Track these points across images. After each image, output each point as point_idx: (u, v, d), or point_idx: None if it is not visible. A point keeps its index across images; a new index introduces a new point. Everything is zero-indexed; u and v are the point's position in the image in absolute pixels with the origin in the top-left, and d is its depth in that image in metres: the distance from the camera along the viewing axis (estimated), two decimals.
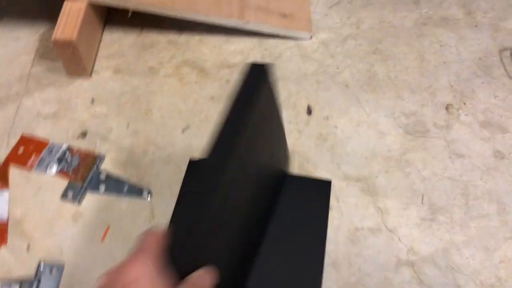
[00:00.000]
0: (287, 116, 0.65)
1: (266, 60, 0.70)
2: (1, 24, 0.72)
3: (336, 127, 0.64)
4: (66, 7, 0.64)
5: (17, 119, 0.63)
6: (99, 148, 0.61)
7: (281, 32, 0.72)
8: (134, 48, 0.71)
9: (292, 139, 0.62)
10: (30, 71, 0.68)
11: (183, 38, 0.72)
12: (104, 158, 0.60)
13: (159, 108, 0.65)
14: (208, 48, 0.72)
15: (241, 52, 0.71)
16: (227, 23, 0.70)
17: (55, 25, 0.72)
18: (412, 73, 0.69)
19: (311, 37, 0.73)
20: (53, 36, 0.61)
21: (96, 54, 0.70)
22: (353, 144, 0.62)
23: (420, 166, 0.59)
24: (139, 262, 0.30)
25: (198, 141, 0.62)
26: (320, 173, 0.59)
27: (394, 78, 0.69)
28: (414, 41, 0.72)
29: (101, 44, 0.71)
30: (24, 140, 0.61)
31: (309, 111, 0.65)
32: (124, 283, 0.29)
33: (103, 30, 0.72)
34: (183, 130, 0.63)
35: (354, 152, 0.61)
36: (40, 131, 0.63)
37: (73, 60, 0.64)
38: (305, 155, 0.61)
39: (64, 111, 0.64)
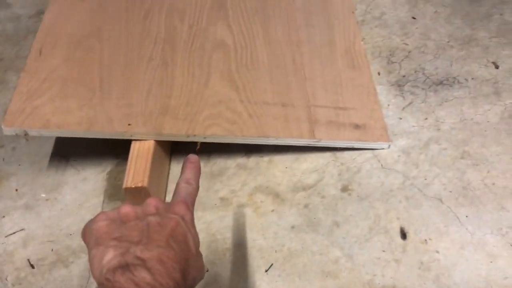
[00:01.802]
0: (379, 243, 0.58)
1: (344, 176, 0.65)
2: (68, 165, 0.71)
3: (437, 252, 0.57)
4: (134, 149, 0.62)
5: None
6: None
7: (356, 145, 0.67)
8: (203, 178, 0.67)
9: (391, 272, 0.56)
10: None
11: (252, 161, 0.69)
12: None
13: (238, 246, 0.60)
14: (279, 169, 0.67)
15: (316, 170, 0.67)
16: (298, 143, 0.66)
17: (121, 162, 0.71)
18: None
19: (389, 146, 0.67)
20: (124, 184, 0.58)
21: (166, 190, 0.67)
22: (462, 272, 0.55)
23: None
24: (184, 205, 0.38)
25: (283, 283, 0.56)
26: None
27: (491, 185, 0.61)
28: (504, 139, 0.66)
29: (170, 177, 0.68)
30: None
31: (404, 235, 0.59)
32: (175, 213, 0.37)
33: (170, 162, 0.70)
34: (267, 270, 0.58)
35: (464, 282, 0.54)
36: None
37: None
38: None
39: None
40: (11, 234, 0.65)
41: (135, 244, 0.33)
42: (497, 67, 0.74)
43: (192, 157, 0.44)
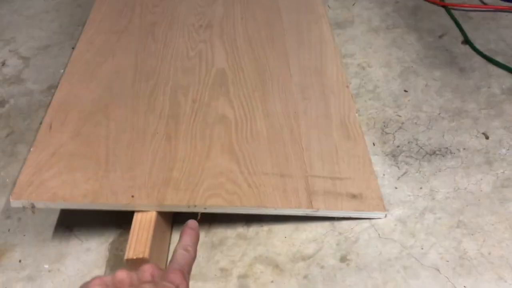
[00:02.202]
0: None
1: (342, 246, 0.66)
2: (72, 236, 0.73)
3: None
4: (136, 220, 0.64)
5: None
6: None
7: (353, 215, 0.68)
8: (204, 248, 0.69)
9: None
10: None
11: (252, 231, 0.70)
12: None
13: None
14: (278, 239, 0.69)
15: (314, 240, 0.68)
16: (296, 213, 0.67)
17: (123, 232, 0.72)
18: (507, 247, 0.63)
19: (385, 215, 0.69)
20: (125, 255, 0.60)
21: (167, 260, 0.68)
22: None
23: None
24: (181, 274, 0.38)
25: None
26: None
27: (488, 255, 0.62)
28: (498, 208, 0.67)
29: (171, 248, 0.69)
30: None
31: None
32: (171, 282, 0.37)
33: (171, 232, 0.71)
34: None
35: None
36: None
37: None
38: None
39: None
40: None
41: None
42: (487, 137, 0.78)
43: (192, 223, 0.45)
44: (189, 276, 0.40)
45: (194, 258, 0.42)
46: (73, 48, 1.09)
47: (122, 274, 0.38)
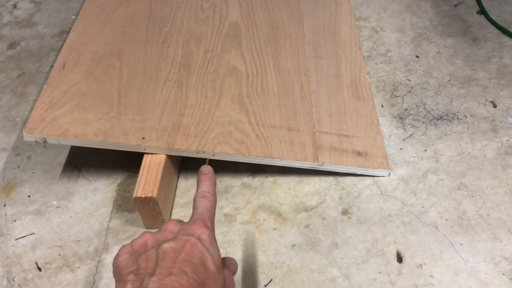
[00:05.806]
0: (376, 265, 0.60)
1: (345, 200, 0.68)
2: (80, 176, 0.74)
3: (432, 276, 0.59)
4: (146, 161, 0.65)
5: (97, 278, 0.62)
6: None
7: (358, 171, 0.70)
8: None
9: None
10: (108, 224, 0.68)
11: (257, 181, 0.72)
12: None
13: (239, 260, 0.63)
14: (282, 190, 0.70)
15: (317, 193, 0.69)
16: (301, 166, 0.69)
17: (131, 175, 0.73)
18: (506, 210, 0.64)
19: (389, 174, 0.70)
20: (134, 194, 0.61)
21: (173, 204, 0.69)
22: None
23: None
24: (201, 223, 0.39)
25: None
26: None
27: (486, 216, 0.64)
28: (500, 173, 0.69)
29: (177, 192, 0.71)
30: None
31: (400, 259, 0.61)
32: (191, 234, 0.37)
33: (178, 177, 0.73)
34: (265, 285, 0.60)
35: None
36: None
37: (152, 214, 0.64)
38: None
39: None
40: (21, 237, 0.67)
41: (149, 276, 0.34)
42: (495, 106, 0.78)
43: (204, 168, 0.45)
44: (212, 222, 0.40)
45: (214, 202, 0.42)
46: None
47: (144, 237, 0.38)
